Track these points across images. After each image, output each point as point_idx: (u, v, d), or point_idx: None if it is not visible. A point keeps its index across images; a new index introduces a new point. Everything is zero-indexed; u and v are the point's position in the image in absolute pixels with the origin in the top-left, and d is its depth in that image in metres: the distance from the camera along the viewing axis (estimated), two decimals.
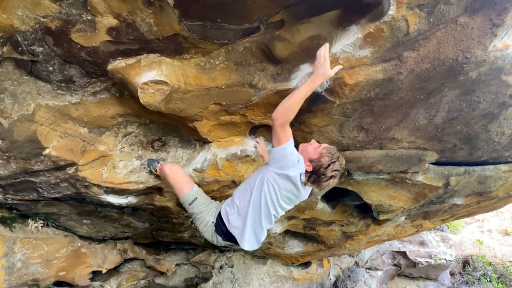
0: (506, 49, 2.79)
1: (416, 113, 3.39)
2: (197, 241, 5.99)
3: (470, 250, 13.39)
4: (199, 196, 3.29)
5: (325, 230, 6.38)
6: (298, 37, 2.73)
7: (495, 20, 2.54)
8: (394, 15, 2.36)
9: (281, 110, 2.63)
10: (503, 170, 5.11)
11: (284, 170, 2.77)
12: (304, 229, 6.36)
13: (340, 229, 6.42)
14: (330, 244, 6.88)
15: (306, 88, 2.61)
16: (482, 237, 14.20)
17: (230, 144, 3.71)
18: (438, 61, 2.74)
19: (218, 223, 3.13)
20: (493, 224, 14.99)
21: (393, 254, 11.36)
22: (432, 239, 12.49)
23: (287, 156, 2.74)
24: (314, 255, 7.68)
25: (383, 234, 7.04)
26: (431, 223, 7.23)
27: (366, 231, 6.63)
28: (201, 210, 3.22)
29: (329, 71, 2.58)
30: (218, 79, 2.98)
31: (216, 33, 2.67)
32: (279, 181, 2.83)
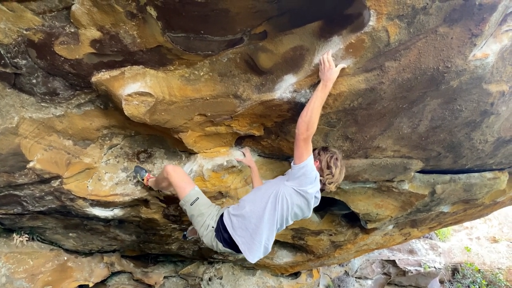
0: (485, 58, 2.84)
1: (400, 122, 3.43)
2: (185, 253, 5.95)
3: (459, 257, 13.46)
4: (201, 196, 3.22)
5: (313, 239, 6.38)
6: (281, 48, 2.75)
7: (474, 30, 2.58)
8: (375, 26, 2.39)
9: (304, 124, 2.67)
10: (488, 177, 5.17)
11: (303, 187, 2.82)
12: (293, 239, 6.35)
13: (328, 239, 6.42)
14: (319, 253, 6.87)
15: (321, 94, 2.67)
16: (471, 244, 14.29)
17: (216, 155, 3.71)
18: (420, 71, 2.78)
19: (219, 228, 3.05)
20: (481, 231, 15.09)
21: (383, 263, 11.38)
22: (421, 247, 12.54)
23: (308, 173, 2.78)
24: (304, 265, 7.66)
25: (372, 243, 7.05)
26: (419, 231, 7.26)
27: (355, 240, 6.63)
28: (202, 212, 3.14)
29: (337, 72, 2.64)
30: (202, 90, 2.99)
31: (200, 44, 2.68)
32: (294, 197, 2.86)
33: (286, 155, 4.00)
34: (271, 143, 3.71)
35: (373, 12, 2.32)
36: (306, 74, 2.83)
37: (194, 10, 2.36)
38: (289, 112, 3.18)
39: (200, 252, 5.97)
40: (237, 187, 4.04)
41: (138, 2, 2.37)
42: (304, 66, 2.83)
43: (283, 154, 3.93)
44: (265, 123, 3.42)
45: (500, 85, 3.22)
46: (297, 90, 2.94)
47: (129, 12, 2.43)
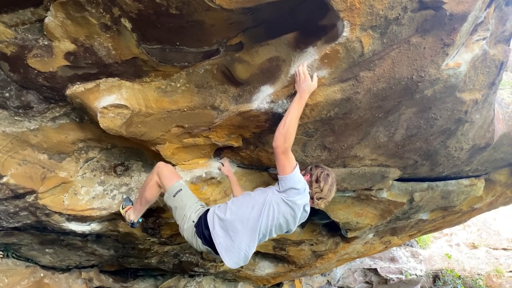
0: (458, 67, 2.90)
1: (376, 131, 3.46)
2: (165, 266, 5.86)
3: (440, 264, 13.60)
4: (184, 189, 3.15)
5: (295, 250, 6.36)
6: (257, 59, 2.76)
7: (446, 40, 2.64)
8: (349, 37, 2.42)
9: (281, 137, 2.66)
10: (465, 184, 5.26)
11: (292, 198, 2.79)
12: (274, 250, 6.33)
13: (309, 249, 6.41)
14: (300, 264, 6.85)
15: (297, 106, 2.67)
16: (451, 251, 14.46)
17: (194, 167, 3.68)
18: (394, 80, 2.82)
19: (201, 224, 2.95)
20: (460, 237, 15.28)
21: (365, 272, 11.41)
22: (402, 254, 12.63)
23: (295, 184, 2.75)
24: (286, 276, 7.62)
25: (353, 252, 7.07)
26: (399, 239, 7.32)
27: (336, 250, 6.64)
28: (184, 203, 3.06)
29: (313, 84, 2.65)
30: (179, 102, 2.98)
31: (176, 56, 2.68)
32: (281, 207, 2.82)
33: (265, 166, 4.00)
34: (250, 154, 3.71)
35: (347, 23, 2.35)
36: (283, 85, 2.85)
37: (169, 21, 2.35)
38: (266, 122, 3.18)
39: (180, 265, 5.90)
40: (216, 198, 4.01)
41: (113, 14, 2.36)
42: (280, 77, 2.84)
43: (262, 164, 3.93)
44: (243, 134, 3.42)
45: (473, 93, 3.29)
46: (274, 100, 2.95)
47: (103, 24, 2.42)
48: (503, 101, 4.61)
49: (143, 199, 3.33)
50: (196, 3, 2.21)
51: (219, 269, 6.28)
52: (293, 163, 2.75)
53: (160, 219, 4.14)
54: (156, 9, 2.25)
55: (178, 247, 5.21)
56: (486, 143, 4.20)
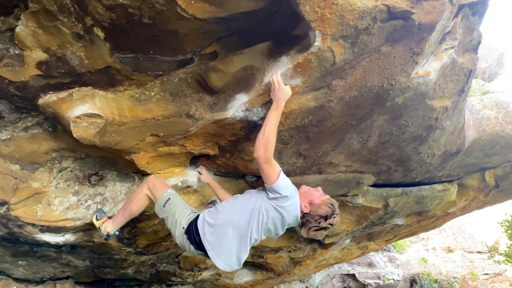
0: (427, 75, 2.98)
1: (350, 138, 3.51)
2: (142, 276, 5.79)
3: (416, 268, 13.77)
4: (173, 197, 3.13)
5: (273, 257, 6.37)
6: (232, 68, 2.78)
7: (415, 49, 2.70)
8: (320, 46, 2.46)
9: (261, 147, 2.64)
10: (438, 189, 5.36)
11: (281, 204, 2.75)
12: (252, 257, 6.33)
13: (288, 255, 6.44)
14: (279, 271, 6.87)
15: (274, 114, 2.66)
16: (427, 255, 14.67)
17: (170, 176, 3.67)
18: (365, 89, 2.87)
19: (192, 230, 2.93)
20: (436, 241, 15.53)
21: (343, 277, 11.49)
22: (379, 259, 12.76)
23: (282, 191, 2.72)
24: (264, 283, 7.62)
25: (330, 258, 7.12)
26: (376, 244, 7.41)
27: (314, 256, 6.68)
28: (174, 211, 3.04)
29: (288, 91, 2.65)
30: (154, 111, 2.97)
31: (150, 64, 2.68)
32: (271, 213, 2.78)
33: (242, 173, 4.01)
34: (226, 162, 3.71)
35: (318, 33, 2.39)
36: (258, 93, 2.87)
37: (142, 31, 2.36)
38: (242, 130, 3.20)
39: (158, 275, 5.84)
40: (193, 207, 3.99)
41: (85, 23, 2.35)
42: (255, 85, 2.86)
43: (239, 172, 3.93)
44: (219, 142, 3.42)
45: (443, 100, 3.37)
46: (249, 108, 2.97)
47: (75, 34, 2.40)
48: (474, 108, 4.73)
49: (127, 212, 3.29)
50: (169, 13, 2.23)
51: (197, 278, 6.23)
52: (277, 170, 2.73)
53: (136, 229, 4.10)
54: (129, 18, 2.26)
55: (154, 257, 5.17)
56: (457, 149, 4.30)
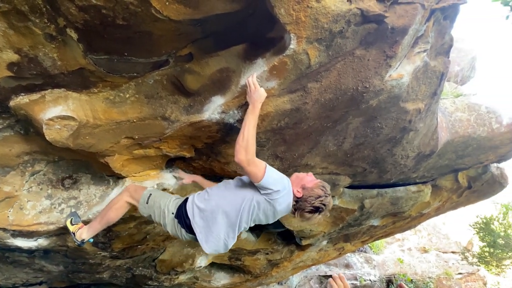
0: (401, 78, 3.03)
1: (326, 140, 3.54)
2: (118, 281, 5.71)
3: (393, 269, 13.97)
4: (154, 192, 3.14)
5: (250, 259, 6.37)
6: (207, 70, 2.78)
7: (389, 52, 2.75)
8: (296, 49, 2.48)
9: (241, 150, 2.63)
10: (413, 190, 5.45)
11: (274, 197, 2.73)
12: (230, 260, 6.31)
13: (265, 258, 6.45)
14: (256, 273, 6.87)
15: (251, 116, 2.66)
16: (403, 255, 14.89)
17: (145, 179, 3.63)
18: (340, 91, 2.90)
19: (182, 214, 2.92)
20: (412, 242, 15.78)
21: (320, 279, 11.56)
22: (356, 260, 12.89)
23: (271, 186, 2.70)
24: (242, 286, 7.61)
25: (308, 259, 7.16)
26: (352, 245, 7.48)
27: (291, 258, 6.71)
28: (159, 203, 3.03)
29: (263, 93, 2.65)
30: (129, 113, 2.94)
31: (124, 66, 2.65)
32: (262, 205, 2.78)
33: (218, 176, 4.00)
34: (203, 164, 3.70)
35: (293, 36, 2.40)
36: (234, 95, 2.87)
37: (116, 32, 2.33)
38: (218, 133, 3.19)
39: (134, 279, 5.77)
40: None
41: (58, 24, 2.31)
42: (231, 87, 2.86)
43: (215, 175, 3.92)
44: (195, 145, 3.41)
45: (416, 103, 3.43)
46: (225, 111, 2.97)
47: (48, 34, 2.36)
48: (446, 110, 4.83)
49: (105, 219, 3.24)
50: (143, 14, 2.21)
51: (173, 281, 6.18)
52: (262, 168, 2.69)
53: (111, 232, 4.04)
54: (102, 19, 2.23)
55: (130, 261, 5.10)
56: (431, 150, 4.38)
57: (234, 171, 3.77)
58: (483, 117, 4.84)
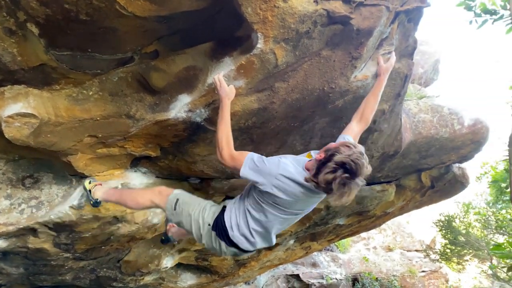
0: (366, 79, 3.08)
1: (293, 140, 3.56)
2: (81, 283, 5.57)
3: (358, 267, 14.20)
4: (181, 196, 2.79)
5: (217, 260, 6.34)
6: (174, 68, 2.74)
7: (354, 53, 2.79)
8: (263, 48, 2.48)
9: (217, 151, 2.59)
10: (377, 190, 5.54)
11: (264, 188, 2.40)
12: (197, 260, 6.27)
13: (232, 258, 6.43)
14: (223, 273, 6.85)
15: (221, 114, 2.60)
16: (368, 254, 15.15)
17: (110, 178, 3.56)
18: (307, 91, 2.92)
19: (220, 225, 2.60)
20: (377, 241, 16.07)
21: (287, 278, 11.63)
22: (323, 259, 13.04)
23: (253, 178, 2.44)
24: (209, 286, 7.57)
25: (275, 259, 7.19)
26: (319, 244, 7.56)
27: (258, 257, 6.72)
28: (188, 211, 2.68)
29: (231, 90, 2.62)
30: (92, 110, 2.87)
31: (88, 63, 2.59)
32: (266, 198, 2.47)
33: (185, 175, 3.97)
34: (169, 164, 3.66)
35: (261, 35, 2.40)
36: (201, 94, 2.85)
37: (79, 28, 2.27)
38: (185, 132, 3.16)
39: (98, 281, 5.64)
40: (134, 211, 3.90)
41: (17, 18, 2.23)
42: (198, 86, 2.84)
43: (182, 174, 3.89)
44: (161, 144, 3.36)
45: (381, 104, 3.47)
46: (192, 109, 2.94)
47: (7, 29, 2.28)
48: (410, 111, 4.93)
49: (122, 200, 3.06)
50: (107, 10, 2.16)
51: (139, 282, 6.08)
52: (240, 162, 2.48)
53: (74, 233, 3.93)
54: (65, 14, 2.16)
55: (94, 262, 4.99)
56: (395, 151, 4.47)
57: (201, 170, 3.75)
58: (445, 119, 4.97)
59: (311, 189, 2.38)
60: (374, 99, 2.94)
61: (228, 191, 4.42)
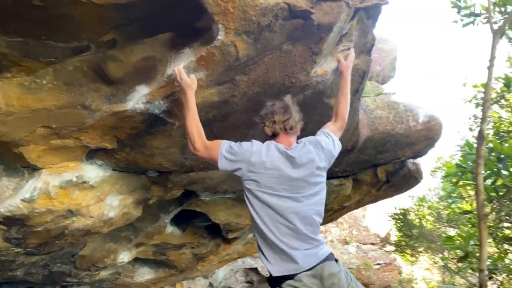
0: (325, 75, 3.11)
1: (253, 134, 3.55)
2: (33, 278, 5.39)
3: None
4: None
5: (175, 254, 6.28)
6: (132, 58, 2.67)
7: (314, 49, 2.81)
8: (224, 40, 2.46)
9: (189, 144, 2.57)
10: (335, 184, 5.63)
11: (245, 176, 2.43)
12: (154, 255, 6.18)
13: (191, 252, 6.38)
14: (181, 267, 6.79)
15: (186, 106, 2.55)
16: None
17: (64, 170, 3.44)
18: (268, 85, 2.93)
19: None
20: (334, 234, 16.38)
21: (246, 271, 11.67)
22: None
23: (228, 167, 2.48)
24: (166, 281, 7.50)
25: (234, 253, 7.19)
26: None
27: (217, 251, 6.70)
28: None
29: (192, 80, 2.55)
30: (46, 100, 2.76)
31: (41, 50, 2.49)
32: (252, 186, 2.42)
33: (143, 169, 3.89)
34: (126, 156, 3.58)
35: (222, 27, 2.38)
36: (159, 85, 2.80)
37: (32, 14, 2.18)
38: (143, 123, 3.10)
39: (51, 276, 5.47)
40: (89, 204, 3.79)
41: None
42: (157, 77, 2.79)
43: (139, 167, 3.82)
44: (118, 136, 3.28)
45: None
46: (150, 101, 2.89)
47: None
48: (368, 108, 5.03)
49: None
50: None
51: (94, 278, 5.95)
52: (218, 145, 2.53)
53: (26, 227, 3.79)
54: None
55: (47, 257, 4.84)
56: (353, 146, 4.56)
57: (160, 163, 3.70)
58: (401, 115, 5.10)
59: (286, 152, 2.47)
60: (344, 98, 2.97)
61: (187, 184, 4.38)
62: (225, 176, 4.20)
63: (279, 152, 2.47)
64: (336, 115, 2.98)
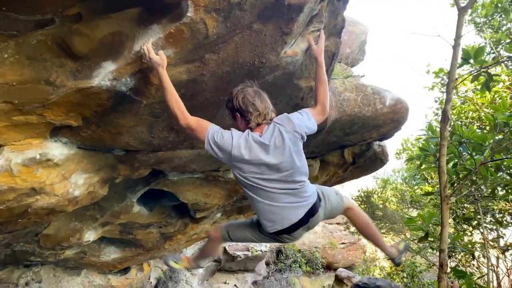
0: (295, 55, 3.11)
1: (222, 114, 3.55)
2: None
3: None
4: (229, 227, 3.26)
5: (142, 233, 6.26)
6: (98, 33, 2.59)
7: (285, 29, 2.80)
8: (193, 17, 2.42)
9: (174, 119, 2.65)
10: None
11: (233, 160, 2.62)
12: (121, 234, 6.14)
13: (158, 231, 6.38)
14: (148, 247, 6.78)
15: (162, 84, 2.61)
16: None
17: (27, 148, 3.34)
18: (237, 64, 2.91)
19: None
20: None
21: None
22: None
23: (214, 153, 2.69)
24: (133, 260, 7.49)
25: (201, 232, 7.23)
26: (246, 218, 7.68)
27: (185, 231, 6.72)
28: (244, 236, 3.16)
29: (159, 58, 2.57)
30: (7, 75, 2.65)
31: (2, 23, 2.37)
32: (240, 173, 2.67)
33: (109, 147, 3.83)
34: (92, 134, 3.50)
35: (191, 4, 2.35)
36: (126, 62, 2.73)
37: None
38: (109, 101, 3.04)
39: (14, 255, 5.37)
40: (53, 182, 3.71)
41: None
42: (124, 53, 2.71)
43: (105, 146, 3.75)
44: (83, 113, 3.20)
45: (309, 81, 3.56)
46: (117, 78, 2.82)
47: None
48: (336, 90, 5.08)
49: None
50: None
51: (59, 257, 5.87)
52: (203, 135, 2.70)
53: None
54: None
55: (10, 236, 4.73)
56: (321, 127, 4.59)
57: (127, 142, 3.64)
58: (368, 98, 5.19)
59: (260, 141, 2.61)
60: (321, 84, 2.97)
61: (155, 163, 4.34)
62: (193, 156, 4.18)
63: (254, 141, 2.61)
64: (316, 100, 3.03)
